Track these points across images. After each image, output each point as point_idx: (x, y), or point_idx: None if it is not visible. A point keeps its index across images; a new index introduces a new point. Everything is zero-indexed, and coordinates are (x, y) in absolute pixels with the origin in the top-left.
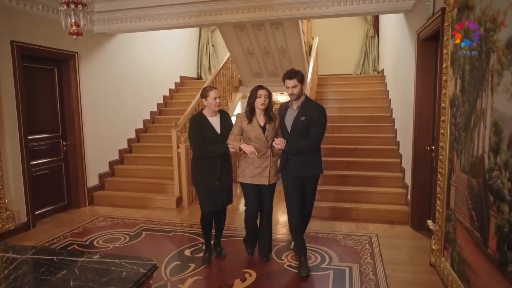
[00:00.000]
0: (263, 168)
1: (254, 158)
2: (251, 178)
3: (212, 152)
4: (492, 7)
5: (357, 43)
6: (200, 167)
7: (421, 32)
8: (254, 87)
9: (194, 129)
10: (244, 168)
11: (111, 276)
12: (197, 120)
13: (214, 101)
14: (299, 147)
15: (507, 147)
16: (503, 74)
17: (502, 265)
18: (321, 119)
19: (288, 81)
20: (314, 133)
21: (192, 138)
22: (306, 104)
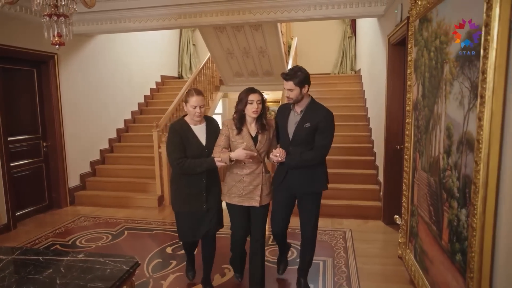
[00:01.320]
0: (254, 186)
1: (243, 175)
2: (239, 199)
3: (194, 168)
4: (445, 22)
5: (335, 43)
6: (182, 187)
7: (391, 37)
8: (244, 91)
9: (174, 141)
10: (230, 186)
11: (95, 273)
12: (177, 130)
13: (193, 110)
14: (303, 160)
15: (457, 149)
16: (453, 84)
17: (452, 254)
18: (328, 126)
19: (285, 82)
20: (320, 143)
21: (171, 151)
22: (311, 108)
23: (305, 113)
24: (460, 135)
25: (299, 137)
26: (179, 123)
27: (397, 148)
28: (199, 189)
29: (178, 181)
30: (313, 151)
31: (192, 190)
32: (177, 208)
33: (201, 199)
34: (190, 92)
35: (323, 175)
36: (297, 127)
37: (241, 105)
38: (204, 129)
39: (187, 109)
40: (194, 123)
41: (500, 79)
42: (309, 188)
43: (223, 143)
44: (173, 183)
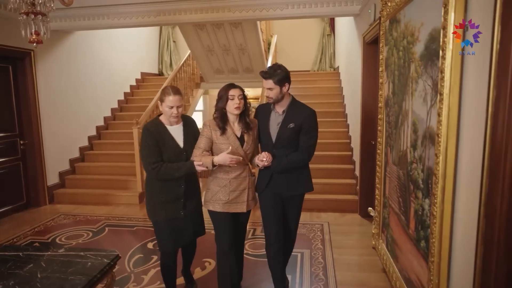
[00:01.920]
0: (240, 191)
1: (229, 179)
2: (225, 205)
3: (172, 173)
4: (411, 23)
5: (314, 40)
6: (158, 193)
7: (366, 36)
8: (224, 87)
9: (148, 144)
10: (215, 192)
11: (76, 267)
12: (152, 131)
13: (169, 110)
14: (290, 162)
15: (421, 143)
16: (418, 82)
17: (417, 241)
18: (313, 126)
19: (264, 80)
20: (306, 144)
21: (145, 155)
22: (293, 107)
23: (287, 113)
24: (424, 130)
25: (283, 138)
26: (154, 124)
27: (372, 143)
28: (176, 195)
29: (153, 186)
30: (299, 153)
31: (168, 196)
32: (153, 216)
33: (178, 206)
34: (166, 91)
35: (308, 176)
36: (281, 128)
37: (222, 102)
38: (182, 129)
39: (162, 109)
40: (170, 123)
41: (456, 77)
42: (295, 190)
43: (204, 145)
44: (148, 189)
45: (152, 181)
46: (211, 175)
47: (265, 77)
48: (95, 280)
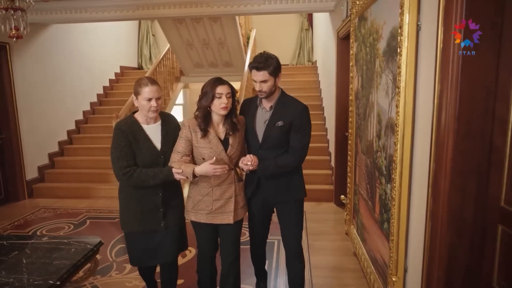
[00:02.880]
0: (225, 200)
1: (211, 187)
2: (208, 216)
3: (146, 181)
4: (376, 22)
5: (293, 35)
6: (132, 202)
7: (339, 31)
8: (210, 82)
9: (119, 145)
10: (196, 201)
11: (60, 253)
12: (124, 131)
13: (147, 103)
14: (279, 166)
15: (384, 133)
16: (382, 76)
17: (381, 224)
18: (305, 123)
19: (256, 72)
20: (298, 144)
21: (115, 158)
22: (282, 102)
23: (276, 109)
24: (386, 121)
25: (270, 138)
26: (127, 122)
27: (346, 134)
28: (154, 204)
29: (127, 194)
30: (289, 155)
31: (145, 206)
32: (127, 228)
33: (157, 216)
34: (142, 82)
35: (299, 181)
36: (268, 127)
37: (206, 100)
38: (160, 129)
39: (138, 104)
40: (147, 121)
41: (411, 72)
42: (285, 196)
43: (183, 148)
44: (121, 197)
45: (126, 188)
46: (192, 182)
47: (259, 67)
48: (79, 264)
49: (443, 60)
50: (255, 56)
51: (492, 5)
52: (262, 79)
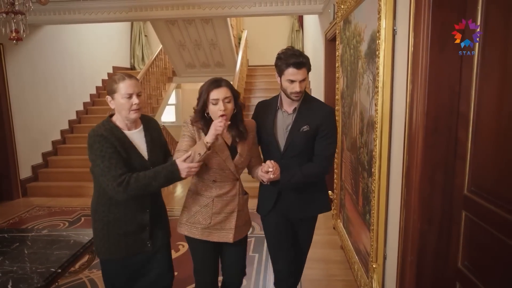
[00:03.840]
0: (227, 214)
1: (212, 197)
2: (204, 231)
3: (148, 184)
4: (358, 25)
5: (284, 36)
6: (113, 223)
7: (327, 33)
8: (206, 84)
9: (107, 152)
10: (193, 212)
11: (60, 244)
12: (107, 137)
13: (127, 101)
14: (305, 176)
15: (366, 130)
16: (364, 77)
17: (364, 215)
18: (333, 128)
19: (296, 71)
20: (325, 152)
21: (105, 169)
22: (306, 105)
23: (300, 112)
24: (368, 119)
25: (294, 146)
26: (107, 128)
27: None
28: (140, 223)
29: (106, 214)
30: (316, 164)
31: (128, 227)
32: (105, 254)
33: (141, 237)
34: (117, 77)
35: (325, 193)
36: (291, 132)
37: (200, 105)
38: (143, 135)
39: (116, 104)
40: (127, 126)
41: (388, 73)
42: (310, 211)
43: (188, 147)
44: (97, 218)
45: (103, 206)
46: (190, 191)
47: (300, 64)
48: (78, 254)
49: (413, 63)
50: (284, 52)
51: (455, 13)
52: (303, 77)
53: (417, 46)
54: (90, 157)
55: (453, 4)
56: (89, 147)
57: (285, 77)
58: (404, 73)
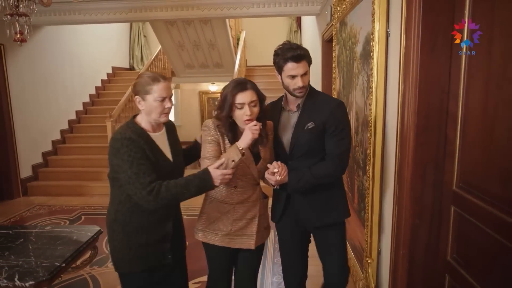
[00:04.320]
0: (248, 220)
1: (233, 204)
2: (225, 238)
3: (180, 193)
4: (354, 27)
5: (282, 36)
6: (134, 234)
7: (324, 34)
8: (229, 86)
9: (135, 157)
10: (213, 219)
11: (63, 240)
12: (136, 141)
13: (160, 105)
14: (315, 177)
15: (361, 129)
16: (359, 77)
17: (359, 212)
18: (342, 122)
19: (296, 65)
20: (336, 150)
21: (133, 176)
22: (312, 99)
23: (304, 108)
24: (362, 118)
25: (300, 145)
26: (134, 131)
27: None
28: (163, 233)
29: (127, 223)
30: (327, 163)
31: (151, 236)
32: (125, 267)
33: (163, 248)
34: (154, 78)
35: (342, 196)
36: (296, 131)
37: (226, 110)
38: (166, 137)
39: (146, 106)
40: (153, 128)
41: (381, 74)
42: (324, 218)
43: (214, 152)
44: (117, 229)
45: (124, 215)
46: (209, 196)
47: (299, 56)
48: (81, 249)
49: (405, 64)
50: (281, 47)
51: (445, 17)
52: (304, 71)
53: (408, 48)
54: (113, 162)
55: (442, 8)
56: (115, 151)
57: (285, 73)
58: (397, 73)
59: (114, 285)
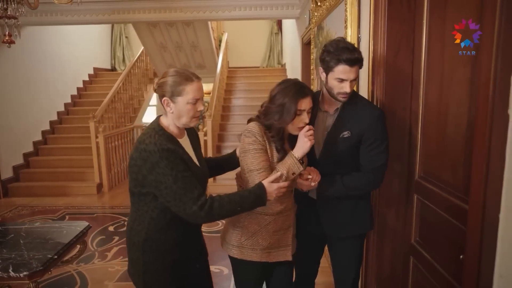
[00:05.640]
0: (284, 230)
1: (274, 215)
2: (263, 252)
3: (232, 210)
4: (330, 31)
5: (263, 38)
6: (168, 251)
7: (304, 37)
8: (287, 91)
9: (178, 171)
10: (252, 232)
11: (53, 235)
12: (175, 151)
13: (192, 108)
14: (347, 187)
15: None
16: None
17: None
18: (381, 135)
19: (349, 68)
20: (372, 164)
21: (180, 191)
22: (351, 105)
23: (342, 113)
24: None
25: (331, 153)
26: (167, 138)
27: None
28: (197, 246)
29: (161, 242)
30: (363, 175)
31: (184, 252)
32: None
33: (192, 261)
34: (186, 77)
35: (367, 208)
36: (329, 137)
37: (288, 118)
38: (189, 141)
39: (177, 108)
40: (180, 133)
41: None
42: (349, 230)
43: (267, 163)
44: (148, 250)
45: (159, 233)
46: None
47: (354, 62)
48: (71, 243)
49: (373, 66)
50: (335, 45)
51: (406, 24)
52: (355, 76)
53: (376, 52)
54: (149, 178)
55: (404, 17)
56: (152, 164)
57: (333, 75)
58: (367, 76)
59: (101, 280)
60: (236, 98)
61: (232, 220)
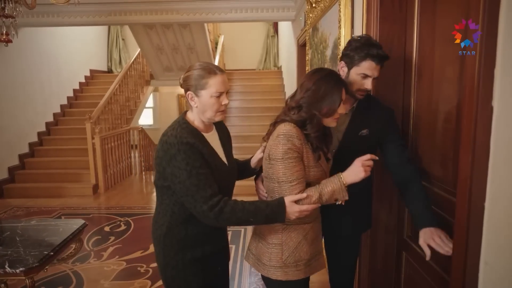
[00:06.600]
0: (319, 235)
1: (311, 223)
2: (306, 267)
3: (243, 219)
4: (324, 32)
5: (259, 41)
6: (190, 246)
7: (299, 39)
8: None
9: (194, 167)
10: (293, 247)
11: (49, 232)
12: (195, 145)
13: (217, 101)
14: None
15: None
16: None
17: None
18: (398, 129)
19: (374, 64)
20: (407, 154)
21: (192, 188)
22: (365, 104)
23: (359, 110)
24: None
25: (348, 152)
26: (190, 132)
27: None
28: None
29: (181, 235)
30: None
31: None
32: (181, 286)
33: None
34: (210, 70)
35: (368, 207)
36: (347, 136)
37: (335, 104)
38: (217, 137)
39: (201, 102)
40: (206, 128)
41: None
42: (350, 228)
43: (301, 174)
44: (169, 244)
45: (180, 227)
46: None
47: (382, 59)
48: (68, 240)
49: None
50: (361, 40)
51: (398, 25)
52: (378, 74)
53: None
54: (167, 170)
55: (396, 17)
56: (169, 158)
57: (357, 70)
58: None
59: (96, 280)
60: (232, 100)
61: (263, 236)
